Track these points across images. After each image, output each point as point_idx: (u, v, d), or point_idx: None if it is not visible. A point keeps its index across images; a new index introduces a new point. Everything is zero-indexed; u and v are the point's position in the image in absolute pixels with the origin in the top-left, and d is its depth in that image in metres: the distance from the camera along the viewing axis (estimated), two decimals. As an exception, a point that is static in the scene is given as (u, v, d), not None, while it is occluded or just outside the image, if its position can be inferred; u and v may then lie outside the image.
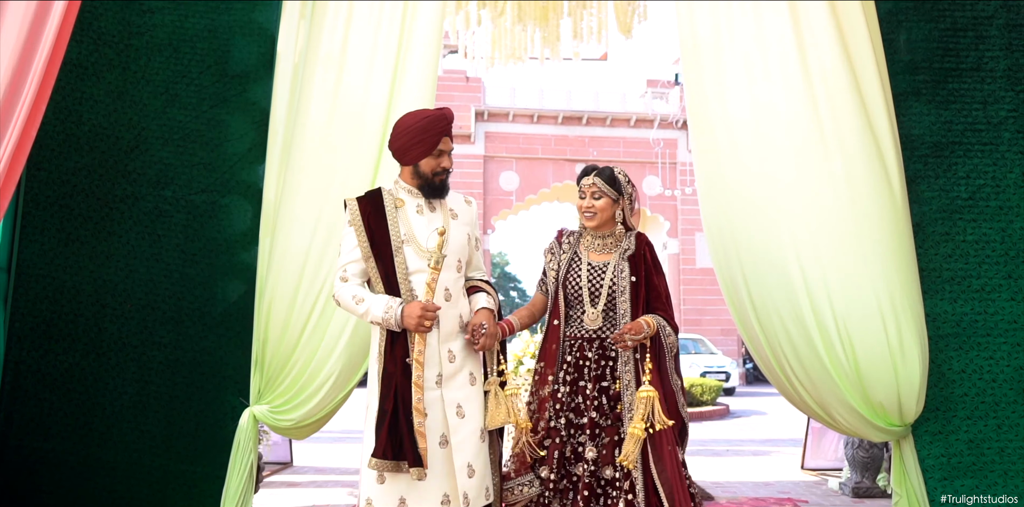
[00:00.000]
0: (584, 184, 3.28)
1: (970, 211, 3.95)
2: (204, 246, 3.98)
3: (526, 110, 22.96)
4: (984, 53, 4.02)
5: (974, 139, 3.98)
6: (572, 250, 3.35)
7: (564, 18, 6.96)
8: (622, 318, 3.20)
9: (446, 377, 2.96)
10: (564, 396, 3.21)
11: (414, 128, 3.02)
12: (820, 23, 3.89)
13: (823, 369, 3.74)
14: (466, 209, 3.20)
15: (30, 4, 2.94)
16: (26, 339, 3.85)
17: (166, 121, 4.03)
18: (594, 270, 3.27)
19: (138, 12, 4.06)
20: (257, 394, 3.81)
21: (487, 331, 3.00)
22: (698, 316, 22.53)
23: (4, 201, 2.95)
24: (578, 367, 3.24)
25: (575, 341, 3.26)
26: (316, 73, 3.94)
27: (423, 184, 3.07)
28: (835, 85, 3.84)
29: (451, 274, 3.04)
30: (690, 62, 4.08)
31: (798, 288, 3.75)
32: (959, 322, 3.86)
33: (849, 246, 3.76)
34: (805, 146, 3.84)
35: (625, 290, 3.21)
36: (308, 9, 4.04)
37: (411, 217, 3.05)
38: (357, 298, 2.98)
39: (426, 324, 2.86)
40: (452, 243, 3.04)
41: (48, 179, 3.92)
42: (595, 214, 3.26)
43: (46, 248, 3.90)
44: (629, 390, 3.13)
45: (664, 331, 3.19)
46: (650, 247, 3.32)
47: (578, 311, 3.27)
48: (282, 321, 3.78)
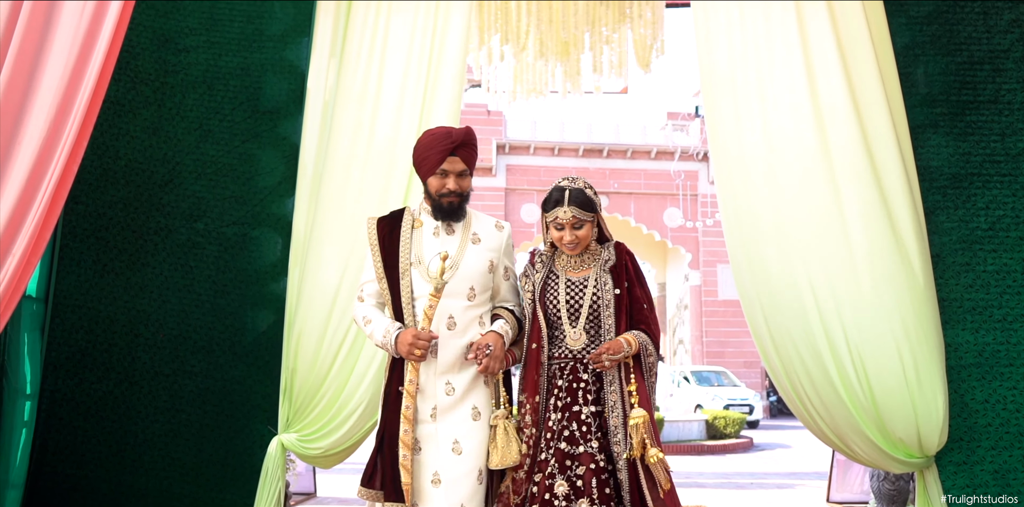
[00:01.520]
0: (562, 218, 2.99)
1: (990, 242, 3.98)
2: (235, 277, 4.07)
3: (547, 143, 23.15)
4: (1001, 86, 4.07)
5: (993, 170, 4.02)
6: (547, 268, 3.11)
7: (584, 53, 7.08)
8: (607, 334, 2.97)
9: (442, 410, 2.84)
10: (555, 423, 2.93)
11: (420, 144, 3.01)
12: (831, 57, 3.95)
13: (839, 401, 3.75)
14: (494, 235, 3.07)
15: (74, 43, 3.06)
16: (61, 368, 3.94)
17: (199, 156, 4.15)
18: (573, 286, 3.03)
19: (174, 51, 4.20)
20: (285, 423, 3.87)
21: (492, 353, 2.85)
22: (720, 348, 22.41)
23: (46, 234, 3.05)
24: (572, 391, 2.96)
25: (565, 362, 3.00)
26: (346, 109, 4.06)
27: (434, 205, 2.99)
28: (848, 118, 3.89)
29: (458, 302, 2.91)
30: (710, 95, 4.15)
31: (812, 320, 3.78)
32: (981, 352, 3.87)
33: (863, 278, 3.78)
34: (818, 178, 3.88)
35: (610, 304, 2.98)
36: (338, 48, 4.17)
37: (425, 239, 2.98)
38: (366, 319, 2.96)
39: (416, 353, 2.76)
40: (465, 269, 2.93)
41: (85, 212, 4.04)
42: (578, 244, 3.03)
43: (82, 279, 4.00)
44: (615, 413, 2.90)
45: (646, 350, 2.97)
46: (631, 256, 3.11)
47: (562, 331, 3.02)
48: (312, 352, 3.85)
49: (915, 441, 3.73)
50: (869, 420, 3.74)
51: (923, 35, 4.10)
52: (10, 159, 2.97)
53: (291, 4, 4.25)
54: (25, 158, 2.96)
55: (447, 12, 4.16)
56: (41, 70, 3.04)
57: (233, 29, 4.24)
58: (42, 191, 2.96)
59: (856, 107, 3.90)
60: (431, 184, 2.97)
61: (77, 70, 3.05)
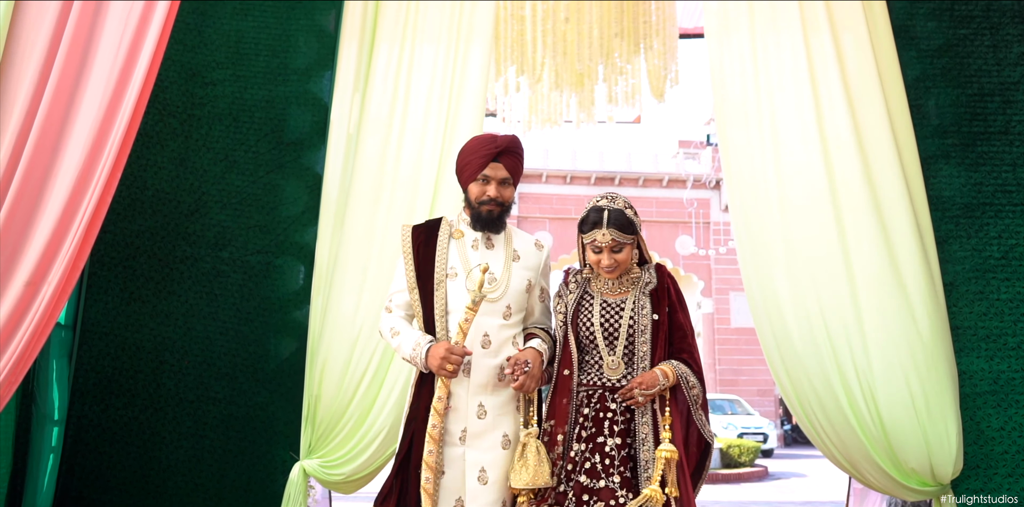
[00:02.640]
0: (600, 241, 2.78)
1: (1003, 270, 4.02)
2: (258, 305, 4.15)
3: (559, 171, 23.27)
4: (1012, 117, 4.14)
5: (1004, 200, 4.07)
6: (582, 289, 2.91)
7: (599, 84, 7.20)
8: (641, 362, 2.75)
9: (472, 435, 2.70)
10: (577, 455, 2.73)
11: (464, 150, 2.91)
12: (836, 89, 4.04)
13: (851, 430, 3.79)
14: (534, 253, 2.95)
15: (110, 78, 3.16)
16: (88, 394, 4.01)
17: (225, 186, 4.24)
18: (609, 308, 2.83)
19: (201, 84, 4.32)
20: (308, 448, 3.92)
21: (530, 371, 2.70)
22: (734, 376, 22.31)
23: (80, 263, 3.14)
24: (598, 421, 2.75)
25: (593, 390, 2.79)
26: (371, 140, 4.16)
27: (474, 213, 2.86)
28: (855, 149, 3.97)
29: (494, 320, 2.78)
30: (723, 124, 4.22)
31: (823, 348, 3.83)
32: (996, 380, 3.90)
33: (871, 306, 3.84)
34: (825, 208, 3.95)
35: (645, 330, 2.77)
36: (361, 81, 4.28)
37: (463, 251, 2.85)
38: (394, 330, 2.82)
39: (448, 368, 2.61)
40: (504, 286, 2.80)
41: (113, 241, 4.13)
42: (617, 267, 2.81)
43: (110, 307, 4.09)
44: (646, 446, 2.69)
45: (687, 381, 2.74)
46: (673, 280, 2.89)
47: (594, 357, 2.81)
48: (336, 378, 3.91)
49: (927, 470, 3.76)
50: (880, 450, 3.78)
51: (934, 68, 4.19)
52: (47, 191, 3.07)
53: (315, 39, 4.38)
54: (62, 189, 3.06)
55: (467, 46, 4.27)
56: (78, 103, 3.15)
57: (258, 63, 4.36)
58: (77, 222, 3.06)
59: (860, 138, 3.98)
60: (471, 191, 2.86)
61: (113, 104, 3.16)
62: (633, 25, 6.59)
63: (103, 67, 3.18)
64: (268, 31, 4.36)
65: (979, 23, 4.18)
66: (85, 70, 3.19)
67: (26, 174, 3.03)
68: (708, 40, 4.23)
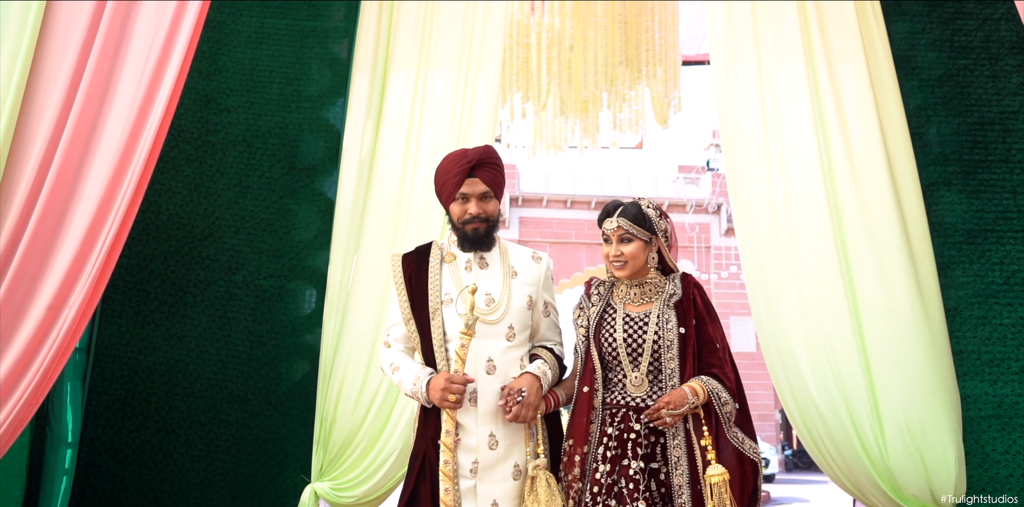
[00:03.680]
0: (608, 228, 2.72)
1: (1006, 295, 4.08)
2: (271, 328, 4.20)
3: (560, 196, 23.37)
4: (1012, 145, 4.22)
5: (1006, 227, 4.14)
6: (604, 301, 2.78)
7: (604, 111, 7.30)
8: (668, 380, 2.61)
9: (484, 467, 2.56)
10: (603, 477, 2.58)
11: (439, 169, 2.76)
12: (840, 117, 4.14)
13: (856, 454, 3.84)
14: (532, 267, 2.81)
15: (134, 103, 3.23)
16: (101, 417, 4.04)
17: (238, 211, 4.30)
18: (632, 322, 2.69)
19: (216, 111, 4.39)
20: (319, 471, 3.96)
21: (524, 400, 2.54)
22: (735, 401, 22.24)
23: (100, 288, 3.19)
24: (622, 442, 2.60)
25: (617, 410, 2.65)
26: (383, 167, 4.24)
27: (460, 234, 2.73)
28: (860, 175, 4.05)
29: (497, 343, 2.64)
30: (731, 152, 4.29)
31: (826, 372, 3.90)
32: (1000, 404, 3.95)
33: (874, 331, 3.91)
34: (827, 234, 4.03)
35: (672, 345, 2.61)
36: (374, 108, 4.36)
37: (457, 275, 2.72)
38: (394, 366, 2.69)
39: (450, 399, 2.48)
40: (505, 306, 2.67)
41: (128, 265, 4.17)
42: (625, 262, 2.70)
43: (124, 330, 4.13)
44: (679, 470, 2.54)
45: (718, 398, 2.58)
46: (700, 290, 2.75)
47: (618, 374, 2.68)
48: (349, 402, 3.96)
49: (928, 495, 3.80)
50: (884, 474, 3.82)
51: (935, 97, 4.27)
52: (69, 214, 3.13)
53: (328, 67, 4.46)
54: (84, 213, 3.12)
55: (477, 74, 4.35)
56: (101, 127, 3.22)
57: (272, 90, 4.44)
58: (99, 245, 3.12)
59: (863, 166, 4.07)
60: (453, 211, 2.72)
61: (135, 129, 3.23)
62: (637, 53, 6.70)
63: (126, 92, 3.25)
64: (282, 59, 4.45)
65: (978, 54, 4.28)
66: (108, 95, 3.26)
67: (49, 198, 3.10)
68: (714, 69, 4.31)
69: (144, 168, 3.21)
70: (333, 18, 4.52)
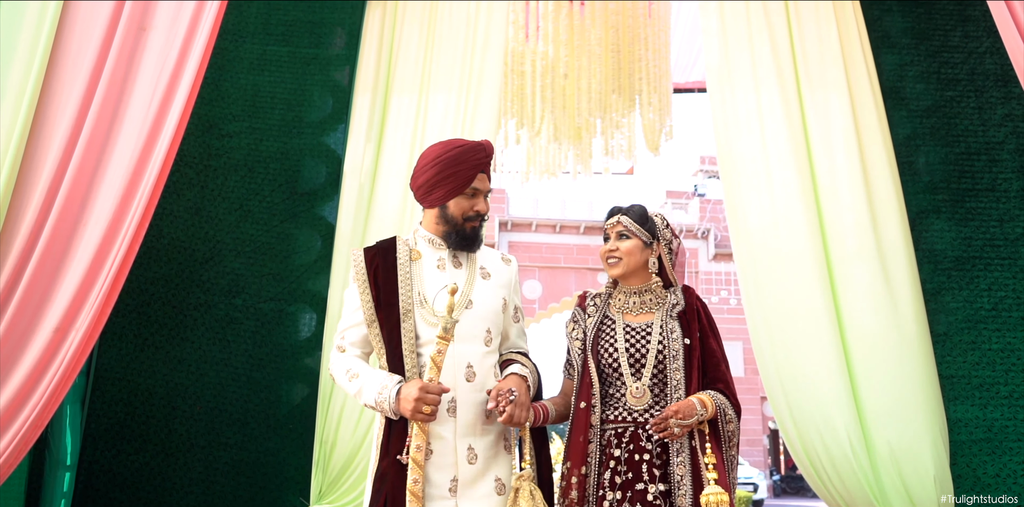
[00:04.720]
0: (609, 224, 2.63)
1: (994, 321, 4.16)
2: (271, 351, 4.23)
3: (548, 220, 23.47)
4: (998, 175, 4.32)
5: (993, 254, 4.23)
6: (600, 313, 2.63)
7: (596, 137, 7.40)
8: (675, 392, 2.44)
9: (464, 483, 2.29)
10: (613, 505, 2.38)
11: (444, 159, 2.47)
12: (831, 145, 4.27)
13: (853, 474, 3.90)
14: (503, 269, 2.58)
15: (142, 129, 3.29)
16: (100, 439, 4.05)
17: (239, 235, 4.35)
18: (634, 332, 2.54)
19: (218, 136, 4.46)
20: (318, 494, 3.98)
21: (517, 399, 2.29)
22: (723, 425, 22.23)
23: (106, 311, 3.22)
24: (634, 465, 2.40)
25: (623, 428, 2.47)
26: (383, 192, 4.30)
27: (450, 232, 2.49)
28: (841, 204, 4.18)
29: (475, 347, 2.40)
30: (728, 179, 4.37)
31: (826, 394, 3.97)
32: (990, 427, 4.02)
33: (863, 354, 4.00)
34: (818, 261, 4.13)
35: (678, 355, 2.47)
36: (375, 133, 4.44)
37: (428, 273, 2.46)
38: (351, 372, 2.39)
39: (425, 411, 2.20)
40: (480, 308, 2.43)
41: (128, 288, 4.16)
42: (620, 259, 2.58)
43: (123, 353, 4.15)
44: (682, 490, 2.34)
45: (724, 415, 2.43)
46: (702, 302, 2.63)
47: (619, 389, 2.50)
48: (348, 425, 3.99)
49: None
50: (878, 494, 3.88)
51: (923, 127, 4.38)
52: (77, 238, 3.16)
53: (329, 93, 4.54)
54: (92, 237, 3.15)
55: (477, 98, 4.44)
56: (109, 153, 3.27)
57: (274, 116, 4.51)
58: (107, 268, 3.15)
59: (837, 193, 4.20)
60: (456, 206, 2.47)
61: (143, 154, 3.27)
62: (629, 81, 6.80)
63: (135, 117, 3.31)
64: (284, 85, 4.52)
65: (964, 86, 4.40)
66: (117, 119, 3.31)
67: (58, 222, 3.13)
68: (711, 97, 4.42)
69: (152, 191, 3.26)
70: (334, 45, 4.61)
